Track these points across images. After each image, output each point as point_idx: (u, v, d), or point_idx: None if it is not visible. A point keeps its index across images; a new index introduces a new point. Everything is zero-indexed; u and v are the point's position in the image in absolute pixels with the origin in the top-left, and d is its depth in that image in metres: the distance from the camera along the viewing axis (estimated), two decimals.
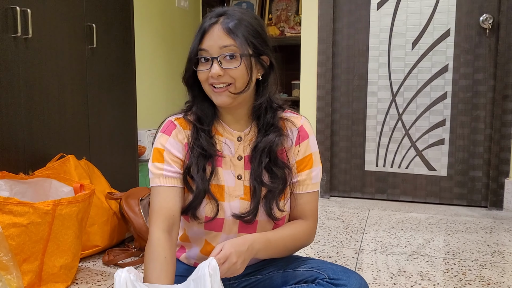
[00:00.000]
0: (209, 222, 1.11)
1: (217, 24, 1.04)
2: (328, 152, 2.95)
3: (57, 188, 1.76)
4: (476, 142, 2.76)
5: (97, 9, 2.23)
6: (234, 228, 1.13)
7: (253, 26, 1.05)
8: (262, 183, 1.10)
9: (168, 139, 1.12)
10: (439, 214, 2.62)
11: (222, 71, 1.03)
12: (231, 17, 1.04)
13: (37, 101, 1.88)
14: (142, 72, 3.12)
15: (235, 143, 1.14)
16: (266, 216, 1.11)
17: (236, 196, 1.12)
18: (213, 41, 1.03)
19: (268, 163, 1.10)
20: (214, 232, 1.13)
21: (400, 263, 1.87)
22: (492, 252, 2.01)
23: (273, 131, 1.11)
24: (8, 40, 1.73)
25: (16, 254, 1.44)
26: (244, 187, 1.12)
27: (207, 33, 1.04)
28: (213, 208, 1.10)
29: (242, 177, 1.12)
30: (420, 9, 2.77)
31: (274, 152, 1.10)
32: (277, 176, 1.10)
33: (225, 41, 1.02)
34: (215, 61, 1.03)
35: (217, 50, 1.03)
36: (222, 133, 1.14)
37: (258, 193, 1.10)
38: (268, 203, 1.10)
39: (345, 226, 2.38)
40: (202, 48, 1.04)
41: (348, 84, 2.94)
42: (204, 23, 1.05)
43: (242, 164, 1.13)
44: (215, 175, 1.11)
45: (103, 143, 2.31)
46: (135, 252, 1.91)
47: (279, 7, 4.56)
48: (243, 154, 1.13)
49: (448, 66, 2.75)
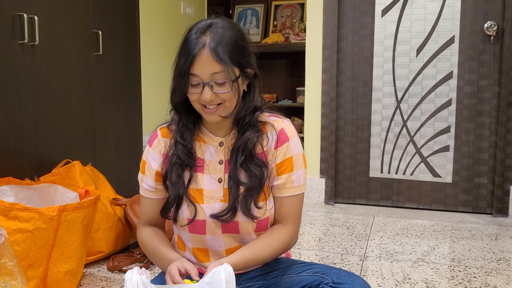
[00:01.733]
0: (191, 224, 1.14)
1: (204, 48, 1.04)
2: (333, 159, 2.95)
3: (62, 194, 1.77)
4: (481, 149, 2.75)
5: (103, 16, 2.25)
6: (218, 230, 1.14)
7: (236, 42, 1.07)
8: (239, 181, 1.11)
9: (149, 151, 1.20)
10: (444, 221, 2.61)
11: (214, 95, 1.06)
12: (216, 36, 1.05)
13: (43, 107, 1.90)
14: (148, 79, 3.14)
15: (217, 148, 1.16)
16: (245, 216, 1.12)
17: (217, 199, 1.14)
18: (203, 67, 1.04)
19: (245, 160, 1.12)
20: (199, 235, 1.16)
21: (405, 270, 1.87)
22: (497, 260, 2.00)
23: (249, 129, 1.13)
24: (15, 47, 1.75)
25: (21, 259, 1.44)
26: (224, 190, 1.14)
27: (196, 58, 1.04)
28: (192, 210, 1.13)
29: (223, 180, 1.14)
30: (425, 16, 2.77)
31: (249, 149, 1.12)
32: (254, 174, 1.11)
33: (214, 68, 1.04)
34: (206, 86, 1.05)
35: (207, 76, 1.05)
36: (204, 140, 1.17)
37: (234, 192, 1.11)
38: (245, 202, 1.11)
39: (350, 233, 2.37)
40: (193, 73, 1.05)
41: (353, 91, 2.94)
42: (190, 43, 1.05)
43: (222, 168, 1.15)
44: (193, 181, 1.15)
45: (109, 149, 2.33)
46: (139, 258, 1.91)
47: (284, 14, 4.58)
48: (223, 158, 1.15)
49: (453, 72, 2.75)
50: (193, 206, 1.13)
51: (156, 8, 3.31)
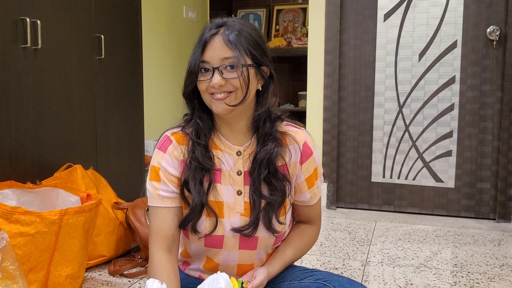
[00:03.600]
0: (208, 237, 1.09)
1: (217, 35, 1.04)
2: (335, 163, 2.95)
3: (64, 198, 1.77)
4: (484, 154, 2.74)
5: (105, 20, 2.26)
6: (235, 245, 1.11)
7: (253, 37, 1.06)
8: (261, 195, 1.08)
9: (164, 156, 1.10)
10: (446, 226, 2.60)
11: (223, 80, 1.03)
12: (231, 28, 1.05)
13: (45, 111, 1.90)
14: (150, 83, 3.14)
15: (234, 158, 1.11)
16: (266, 230, 1.09)
17: (237, 212, 1.10)
18: (214, 52, 1.03)
19: (267, 175, 1.08)
20: (214, 249, 1.12)
21: (407, 276, 1.86)
22: (500, 265, 1.99)
23: (271, 140, 1.09)
24: (18, 50, 1.75)
25: (23, 263, 1.44)
26: (244, 203, 1.10)
27: (208, 44, 1.04)
28: (212, 223, 1.08)
29: (242, 192, 1.10)
30: (427, 21, 2.77)
31: (273, 163, 1.09)
32: (276, 188, 1.09)
33: (226, 53, 1.03)
34: (216, 71, 1.03)
35: (218, 61, 1.03)
36: (221, 148, 1.12)
37: (257, 206, 1.08)
38: (267, 216, 1.08)
39: (352, 238, 2.37)
40: (204, 60, 1.04)
41: (355, 95, 2.94)
42: (204, 34, 1.06)
43: (241, 179, 1.11)
44: (213, 190, 1.09)
45: (110, 153, 2.33)
46: (141, 262, 1.91)
47: (286, 19, 4.59)
48: (242, 169, 1.11)
49: (455, 77, 2.75)
50: (214, 219, 1.08)
51: (158, 13, 3.32)
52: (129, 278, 1.81)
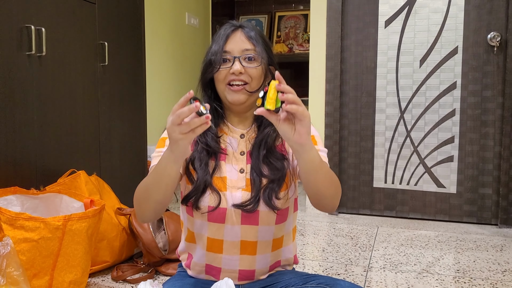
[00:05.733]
0: (212, 212, 1.14)
1: (238, 30, 1.16)
2: (337, 169, 2.95)
3: (67, 204, 1.78)
4: (485, 159, 2.75)
5: (109, 27, 2.28)
6: (237, 219, 1.15)
7: (266, 41, 1.19)
8: (262, 174, 1.15)
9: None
10: (448, 232, 2.60)
11: (243, 69, 1.13)
12: (249, 28, 1.17)
13: (49, 117, 1.92)
14: (153, 89, 3.16)
15: (238, 140, 1.20)
16: (267, 207, 1.14)
17: (239, 188, 1.15)
18: (235, 44, 1.14)
19: (266, 154, 1.15)
20: (217, 224, 1.16)
21: (410, 281, 1.86)
22: (502, 271, 1.99)
23: (269, 125, 1.17)
24: (23, 58, 1.77)
25: (27, 269, 1.45)
26: (246, 180, 1.16)
27: (230, 37, 1.15)
28: (216, 198, 1.14)
29: (244, 170, 1.17)
30: (428, 27, 2.79)
31: (269, 144, 1.16)
32: (276, 167, 1.15)
33: (247, 45, 1.14)
34: (236, 59, 1.13)
35: (239, 51, 1.14)
36: (227, 132, 1.21)
37: (257, 184, 1.14)
38: (267, 193, 1.14)
39: (354, 243, 2.37)
40: (225, 50, 1.14)
41: (356, 101, 2.95)
42: (226, 29, 1.17)
43: (244, 159, 1.18)
44: (218, 169, 1.16)
45: (114, 159, 2.34)
46: (143, 267, 1.91)
47: (288, 25, 4.61)
48: (245, 150, 1.19)
49: (456, 83, 2.76)
50: (217, 193, 1.14)
51: (161, 19, 3.34)
52: (132, 283, 1.82)
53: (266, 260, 1.20)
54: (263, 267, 1.20)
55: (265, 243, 1.18)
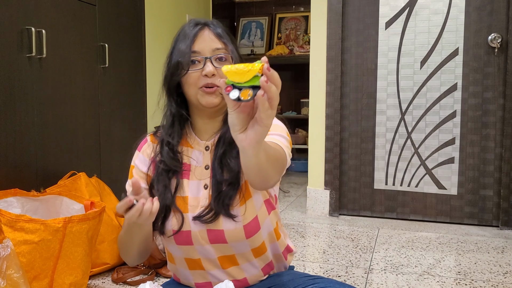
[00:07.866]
0: (177, 235, 1.08)
1: (205, 29, 1.07)
2: (337, 170, 2.95)
3: (68, 206, 1.78)
4: (486, 161, 2.74)
5: (109, 29, 2.28)
6: (204, 240, 1.08)
7: (232, 36, 1.11)
8: (222, 179, 1.06)
9: (138, 155, 1.18)
10: (449, 234, 2.60)
11: (215, 70, 1.05)
12: (214, 25, 1.09)
13: (50, 119, 1.92)
14: (153, 91, 3.16)
15: (203, 153, 1.12)
16: (227, 219, 1.05)
17: (201, 206, 1.08)
18: (204, 43, 1.06)
19: (224, 153, 1.06)
20: (187, 247, 1.10)
21: (411, 283, 1.86)
22: (504, 273, 1.98)
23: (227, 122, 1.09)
24: (23, 60, 1.77)
25: (27, 271, 1.45)
26: (209, 196, 1.08)
27: (197, 36, 1.06)
28: (178, 220, 1.08)
29: (208, 186, 1.09)
30: (429, 29, 2.79)
31: (229, 138, 1.05)
32: (231, 169, 1.05)
33: (217, 44, 1.07)
34: (208, 60, 1.05)
35: (209, 51, 1.06)
36: (192, 145, 1.13)
37: (215, 190, 1.06)
38: (221, 199, 1.05)
39: (355, 245, 2.36)
40: (194, 50, 1.06)
41: (357, 103, 2.95)
42: (191, 28, 1.07)
43: (208, 173, 1.10)
44: (180, 188, 1.10)
45: (114, 161, 2.34)
46: (144, 270, 1.91)
47: (288, 27, 4.61)
48: (210, 163, 1.11)
49: (457, 84, 2.76)
50: (180, 215, 1.08)
51: (161, 21, 3.34)
52: (132, 285, 1.82)
53: (254, 266, 1.14)
54: (254, 273, 1.15)
55: (244, 255, 1.11)
